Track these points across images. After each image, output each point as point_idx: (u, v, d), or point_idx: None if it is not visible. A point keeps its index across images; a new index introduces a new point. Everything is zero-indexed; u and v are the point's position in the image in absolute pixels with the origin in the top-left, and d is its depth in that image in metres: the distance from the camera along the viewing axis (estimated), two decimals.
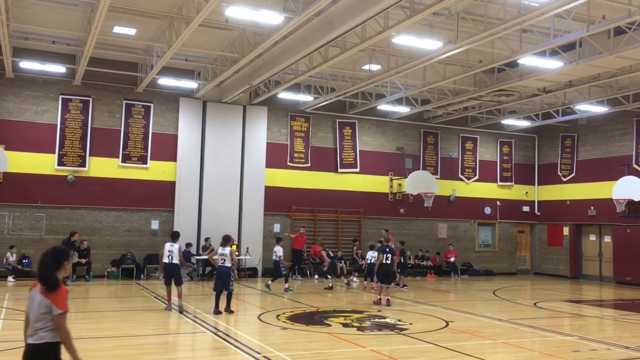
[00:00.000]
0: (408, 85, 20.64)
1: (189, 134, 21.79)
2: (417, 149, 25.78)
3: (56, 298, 4.71)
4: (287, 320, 12.66)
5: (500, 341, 11.17)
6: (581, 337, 11.57)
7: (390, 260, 15.42)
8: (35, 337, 4.68)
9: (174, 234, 14.29)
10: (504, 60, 16.45)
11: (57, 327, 4.70)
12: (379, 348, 10.05)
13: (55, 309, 4.69)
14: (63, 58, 19.61)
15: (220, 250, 13.56)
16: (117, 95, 21.08)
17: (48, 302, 4.67)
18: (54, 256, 4.81)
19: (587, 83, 19.37)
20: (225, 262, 13.36)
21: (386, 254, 15.42)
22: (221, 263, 13.45)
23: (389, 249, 15.56)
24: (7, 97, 19.69)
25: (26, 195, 19.57)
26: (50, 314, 4.68)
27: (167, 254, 13.72)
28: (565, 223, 26.26)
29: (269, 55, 17.27)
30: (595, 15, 13.45)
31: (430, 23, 15.07)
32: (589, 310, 16.14)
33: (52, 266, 4.77)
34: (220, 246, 13.70)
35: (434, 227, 25.97)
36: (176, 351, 10.12)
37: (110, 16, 14.56)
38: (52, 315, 4.68)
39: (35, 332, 4.69)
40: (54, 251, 4.88)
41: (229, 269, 13.36)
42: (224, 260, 13.38)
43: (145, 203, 21.14)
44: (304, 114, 23.68)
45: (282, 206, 23.04)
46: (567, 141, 26.29)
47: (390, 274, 15.63)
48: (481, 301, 17.74)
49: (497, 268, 26.87)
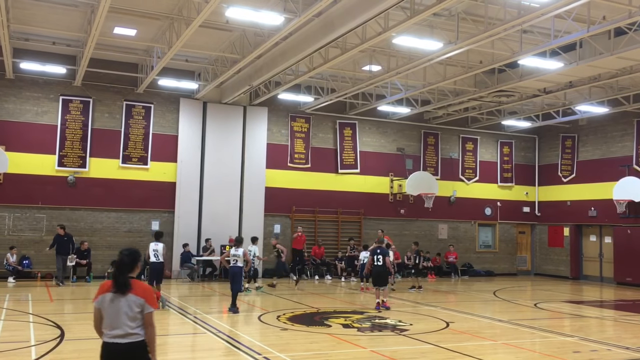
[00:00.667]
0: (408, 86, 20.64)
1: (190, 134, 21.79)
2: (417, 150, 25.78)
3: (149, 296, 4.90)
4: (288, 321, 12.66)
5: (501, 342, 11.16)
6: (582, 338, 11.57)
7: (382, 261, 14.83)
8: (132, 337, 4.80)
9: (158, 234, 14.60)
10: (504, 61, 16.44)
11: (149, 324, 4.89)
12: (380, 349, 10.04)
13: (148, 307, 4.88)
14: (63, 59, 19.62)
15: (233, 252, 14.18)
16: (118, 96, 21.08)
17: (142, 301, 4.85)
18: (130, 257, 4.98)
19: (587, 84, 19.36)
20: (238, 263, 13.99)
21: (377, 255, 14.95)
22: (233, 263, 14.05)
23: (380, 250, 15.07)
24: (8, 98, 19.69)
25: (26, 196, 19.57)
26: (142, 312, 4.84)
27: (153, 254, 13.92)
28: (565, 224, 26.25)
29: (270, 56, 17.28)
30: (595, 16, 13.45)
31: (431, 24, 15.07)
32: (589, 311, 16.13)
33: (129, 266, 4.95)
34: (233, 247, 14.40)
35: (435, 228, 25.97)
36: (176, 352, 10.10)
37: (110, 17, 14.56)
38: (144, 313, 4.85)
39: (131, 332, 4.80)
40: (130, 252, 5.03)
41: (240, 269, 14.04)
42: (236, 260, 14.01)
43: (146, 204, 21.14)
44: (304, 114, 23.68)
45: (282, 207, 23.03)
46: (568, 142, 26.29)
47: (383, 275, 14.86)
48: (481, 302, 17.73)
49: (497, 269, 26.86)
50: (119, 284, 4.85)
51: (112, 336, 4.80)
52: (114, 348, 4.78)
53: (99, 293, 4.91)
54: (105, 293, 4.86)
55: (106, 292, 4.87)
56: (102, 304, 4.86)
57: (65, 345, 9.69)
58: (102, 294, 4.88)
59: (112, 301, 4.83)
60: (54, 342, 9.85)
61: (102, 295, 4.87)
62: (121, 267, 4.93)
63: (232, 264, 14.06)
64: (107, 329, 4.84)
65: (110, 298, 4.84)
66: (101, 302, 4.86)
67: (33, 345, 9.61)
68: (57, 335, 10.40)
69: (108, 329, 4.83)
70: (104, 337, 4.86)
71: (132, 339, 4.80)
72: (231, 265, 14.09)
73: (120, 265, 4.94)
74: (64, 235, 18.50)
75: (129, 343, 4.79)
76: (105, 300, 4.85)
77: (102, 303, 4.86)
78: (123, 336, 4.79)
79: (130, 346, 4.79)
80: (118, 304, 4.81)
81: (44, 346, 9.50)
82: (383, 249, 15.14)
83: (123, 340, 4.78)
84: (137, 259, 5.06)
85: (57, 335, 10.40)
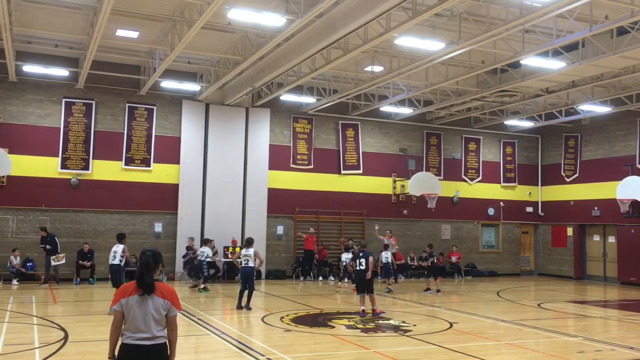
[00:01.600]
0: (410, 87, 20.63)
1: (192, 136, 21.81)
2: (420, 150, 25.76)
3: (175, 298, 4.93)
4: (291, 322, 12.66)
5: (504, 342, 11.14)
6: (586, 338, 11.54)
7: (365, 266, 13.74)
8: (158, 339, 4.81)
9: (119, 235, 14.13)
10: (506, 60, 16.42)
11: (174, 326, 4.92)
12: (383, 350, 10.04)
13: (174, 309, 4.91)
14: (66, 61, 19.66)
15: (244, 252, 14.51)
16: (120, 98, 21.11)
17: (169, 304, 4.87)
18: (154, 258, 4.99)
19: (590, 83, 19.33)
20: (249, 263, 14.23)
21: (359, 259, 13.98)
22: (245, 263, 14.34)
23: (362, 253, 14.09)
24: (11, 101, 19.73)
25: (30, 198, 19.61)
26: (168, 314, 4.87)
27: (112, 255, 13.65)
28: (569, 223, 26.19)
29: (272, 58, 17.28)
30: (597, 15, 13.42)
31: (433, 24, 15.07)
32: (593, 311, 16.10)
33: (153, 268, 4.94)
34: (244, 248, 14.71)
35: (438, 229, 25.94)
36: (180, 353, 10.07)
37: (112, 19, 14.59)
38: (169, 316, 4.88)
39: (157, 334, 4.80)
40: (153, 252, 5.05)
41: (252, 268, 14.20)
42: (248, 260, 14.27)
43: (149, 206, 21.16)
44: (306, 115, 23.69)
45: (285, 208, 23.03)
46: (571, 141, 26.24)
47: (365, 281, 13.76)
48: (485, 302, 17.70)
49: (500, 269, 26.81)
50: (145, 285, 4.81)
51: (137, 338, 4.75)
52: (138, 349, 4.75)
53: (120, 296, 4.84)
54: (129, 296, 4.80)
55: (130, 295, 4.80)
56: (125, 307, 4.79)
57: (69, 348, 9.70)
58: (125, 297, 4.81)
59: (139, 304, 4.77)
60: (57, 344, 9.87)
61: (126, 298, 4.80)
62: (146, 267, 4.88)
63: (243, 264, 14.36)
64: (131, 331, 4.78)
65: (137, 300, 4.78)
66: (125, 305, 4.79)
67: (37, 348, 9.62)
68: (61, 337, 10.42)
69: (133, 331, 4.77)
70: (125, 339, 4.79)
71: (157, 341, 4.80)
72: (243, 265, 14.40)
73: (145, 266, 4.89)
74: (46, 236, 18.59)
75: (154, 345, 4.78)
76: (129, 303, 4.78)
77: (126, 306, 4.79)
78: (149, 338, 4.77)
79: (155, 348, 4.78)
80: (145, 306, 4.77)
81: (47, 348, 9.51)
82: (365, 252, 14.08)
83: (148, 342, 4.76)
84: (160, 259, 5.06)
85: (61, 337, 10.42)
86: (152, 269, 4.90)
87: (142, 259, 4.94)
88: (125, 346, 4.79)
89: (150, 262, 4.91)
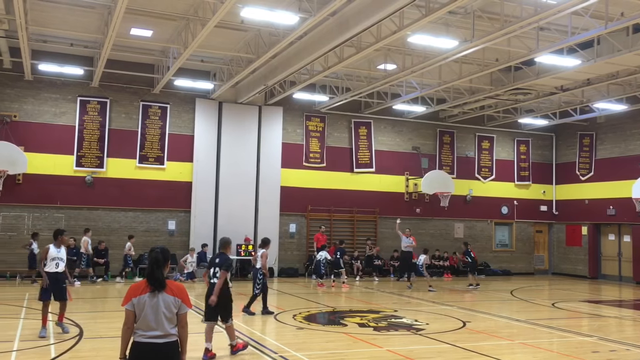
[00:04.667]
0: (424, 85, 20.56)
1: (205, 134, 21.90)
2: (433, 149, 25.68)
3: (185, 296, 4.96)
4: (304, 320, 12.68)
5: (518, 341, 11.08)
6: (600, 338, 11.45)
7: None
8: (169, 337, 4.83)
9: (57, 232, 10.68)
10: (520, 58, 16.31)
11: (185, 324, 4.93)
12: (396, 348, 10.02)
13: (184, 306, 4.93)
14: (81, 60, 19.82)
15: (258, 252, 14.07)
16: (134, 96, 21.25)
17: (179, 301, 4.89)
18: (163, 254, 5.02)
19: (605, 81, 19.16)
20: (257, 264, 13.61)
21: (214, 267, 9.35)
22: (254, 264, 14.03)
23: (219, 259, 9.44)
24: (27, 100, 19.94)
25: (45, 196, 19.80)
26: (179, 312, 4.89)
27: (54, 261, 10.27)
28: (583, 222, 25.99)
29: (285, 56, 17.31)
30: (613, 13, 13.29)
31: (446, 22, 15.00)
32: (608, 311, 15.96)
33: (163, 265, 4.97)
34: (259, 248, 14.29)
35: (451, 227, 25.84)
36: (192, 350, 10.14)
37: (127, 18, 14.68)
38: (180, 313, 4.90)
39: (169, 332, 4.83)
40: (162, 249, 5.08)
41: (256, 270, 13.52)
42: (257, 261, 13.73)
43: (162, 203, 21.29)
44: (319, 114, 23.69)
45: (297, 206, 23.07)
46: (586, 140, 26.02)
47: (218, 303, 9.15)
48: (498, 301, 17.62)
49: (514, 268, 26.66)
50: (156, 281, 4.85)
51: (149, 337, 4.79)
52: (150, 347, 4.78)
53: (132, 295, 4.85)
54: (141, 295, 4.83)
55: (141, 294, 4.83)
56: (137, 306, 4.81)
57: (83, 344, 9.79)
58: (137, 296, 4.82)
59: (150, 302, 4.80)
60: (72, 340, 9.96)
61: (137, 297, 4.82)
62: (156, 264, 4.92)
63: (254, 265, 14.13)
64: (142, 329, 4.80)
65: (148, 299, 4.81)
66: (136, 304, 4.81)
67: (52, 344, 9.72)
68: (76, 333, 10.51)
69: (144, 329, 4.80)
70: (137, 338, 4.83)
71: (169, 339, 4.83)
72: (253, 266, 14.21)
73: (155, 262, 4.92)
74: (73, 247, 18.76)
75: (166, 343, 4.81)
76: (141, 302, 4.81)
77: (138, 305, 4.81)
78: (161, 337, 4.80)
79: (167, 346, 4.81)
80: (157, 305, 4.80)
81: (63, 344, 9.61)
82: (223, 256, 9.49)
83: (160, 340, 4.79)
84: (169, 256, 5.12)
85: (76, 333, 10.51)
86: (161, 265, 4.94)
87: (152, 255, 4.98)
88: (138, 344, 4.82)
89: (159, 259, 4.95)
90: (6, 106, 19.67)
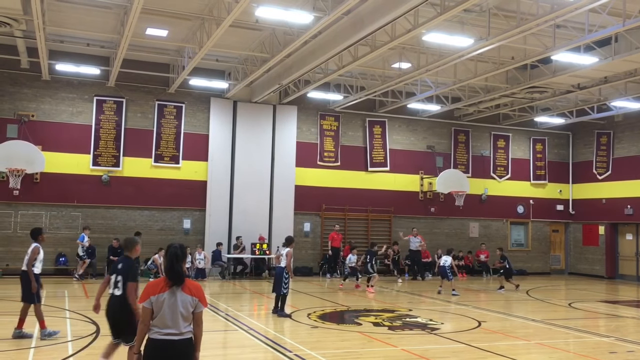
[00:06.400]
0: (438, 83, 20.46)
1: (220, 133, 21.99)
2: (447, 147, 25.56)
3: (201, 295, 5.04)
4: (318, 319, 12.69)
5: (534, 342, 11.00)
6: (618, 339, 11.33)
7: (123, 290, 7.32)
8: (185, 335, 4.88)
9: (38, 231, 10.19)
10: (537, 56, 16.17)
11: (201, 322, 5.01)
12: (411, 348, 10.00)
13: (200, 305, 5.00)
14: (97, 60, 19.99)
15: (281, 251, 13.88)
16: (150, 96, 21.39)
17: (196, 300, 4.96)
18: (182, 249, 5.12)
19: (623, 79, 18.94)
20: (281, 263, 13.28)
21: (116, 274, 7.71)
22: (277, 263, 13.90)
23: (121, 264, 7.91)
24: (44, 99, 20.16)
25: (62, 194, 20.01)
26: (195, 310, 4.96)
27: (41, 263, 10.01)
28: (600, 222, 25.72)
29: (299, 55, 17.32)
30: (631, 10, 13.13)
31: (461, 20, 14.91)
32: (625, 311, 15.79)
33: (182, 260, 5.05)
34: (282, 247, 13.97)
35: (466, 226, 25.71)
36: (209, 348, 10.20)
37: (142, 18, 14.77)
38: (196, 312, 4.96)
39: (184, 330, 4.88)
40: (180, 245, 5.17)
41: (282, 269, 13.08)
42: (281, 260, 13.42)
43: (178, 202, 21.41)
44: (333, 113, 23.68)
45: (312, 205, 23.08)
46: (603, 138, 25.75)
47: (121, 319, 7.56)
48: (514, 301, 17.50)
49: (530, 268, 26.46)
50: (176, 274, 4.91)
51: (165, 334, 4.84)
52: (166, 344, 4.83)
53: (149, 294, 4.90)
54: (160, 293, 4.87)
55: (160, 292, 4.88)
56: (155, 304, 4.86)
57: (101, 341, 9.85)
58: (155, 294, 4.87)
59: (169, 301, 4.86)
60: (90, 337, 10.06)
61: (156, 295, 4.86)
62: (175, 258, 4.99)
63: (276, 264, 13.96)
64: (158, 327, 4.86)
65: (167, 297, 4.86)
66: (155, 302, 4.86)
67: (70, 341, 9.82)
68: (93, 331, 10.61)
69: (160, 327, 4.85)
70: (152, 334, 4.88)
71: (184, 337, 4.88)
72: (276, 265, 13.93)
73: (174, 257, 5.00)
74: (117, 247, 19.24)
75: (181, 340, 4.86)
76: (159, 300, 4.86)
77: (157, 303, 4.86)
78: (177, 334, 4.85)
79: (182, 342, 4.86)
80: (175, 304, 4.86)
81: (80, 342, 9.71)
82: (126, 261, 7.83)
83: (176, 337, 4.84)
84: (186, 251, 5.24)
85: (93, 331, 10.61)
86: (180, 260, 5.01)
87: (170, 251, 5.06)
88: (153, 341, 4.87)
89: (178, 254, 5.03)
90: (24, 106, 19.90)
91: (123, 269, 7.25)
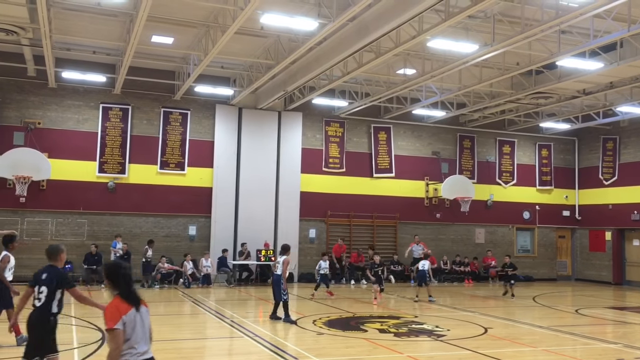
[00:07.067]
0: (443, 89, 20.47)
1: (225, 140, 22.04)
2: (453, 153, 25.53)
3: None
4: (324, 325, 12.66)
5: (541, 348, 10.94)
6: (625, 345, 11.26)
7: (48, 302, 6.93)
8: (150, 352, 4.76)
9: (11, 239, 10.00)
10: (542, 62, 16.16)
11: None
12: (417, 354, 9.96)
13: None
14: (103, 67, 20.09)
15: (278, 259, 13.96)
16: (155, 103, 21.48)
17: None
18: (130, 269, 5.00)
19: (628, 84, 18.90)
20: (277, 270, 13.32)
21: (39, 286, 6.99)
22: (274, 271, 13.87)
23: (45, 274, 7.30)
24: (50, 107, 20.27)
25: (69, 201, 20.08)
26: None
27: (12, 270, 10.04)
28: (607, 228, 25.60)
29: (304, 62, 17.36)
30: (636, 15, 13.11)
31: (466, 26, 14.92)
32: (633, 318, 15.69)
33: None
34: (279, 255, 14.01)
35: (471, 232, 25.64)
36: (214, 355, 10.21)
37: (148, 26, 14.85)
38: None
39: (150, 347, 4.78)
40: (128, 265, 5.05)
41: (278, 277, 13.12)
42: (277, 268, 13.43)
43: (183, 209, 21.45)
44: (338, 119, 23.71)
45: (317, 211, 23.08)
46: (609, 144, 25.67)
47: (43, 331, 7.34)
48: (520, 307, 17.41)
49: (536, 274, 26.35)
50: (137, 297, 4.75)
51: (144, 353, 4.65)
52: None
53: (120, 314, 4.58)
54: (128, 312, 4.61)
55: (127, 311, 4.61)
56: (128, 325, 4.59)
57: (106, 349, 9.87)
58: (125, 313, 4.59)
59: (140, 318, 4.69)
60: (95, 344, 10.07)
61: (126, 315, 4.58)
62: (130, 279, 4.82)
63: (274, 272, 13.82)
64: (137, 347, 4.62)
65: (136, 315, 4.66)
66: (127, 323, 4.59)
67: (76, 348, 9.83)
68: (98, 338, 10.62)
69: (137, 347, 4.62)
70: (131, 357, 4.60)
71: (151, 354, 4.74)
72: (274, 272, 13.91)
73: (129, 279, 4.82)
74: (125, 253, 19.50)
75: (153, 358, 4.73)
76: (130, 319, 4.61)
77: (129, 323, 4.59)
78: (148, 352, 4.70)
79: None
80: (144, 319, 4.72)
81: (86, 349, 9.71)
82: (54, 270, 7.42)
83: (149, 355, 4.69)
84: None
85: (99, 338, 10.62)
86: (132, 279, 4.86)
87: (126, 272, 4.82)
88: None
89: (129, 274, 4.84)
90: (31, 113, 20.02)
91: (48, 279, 6.56)
